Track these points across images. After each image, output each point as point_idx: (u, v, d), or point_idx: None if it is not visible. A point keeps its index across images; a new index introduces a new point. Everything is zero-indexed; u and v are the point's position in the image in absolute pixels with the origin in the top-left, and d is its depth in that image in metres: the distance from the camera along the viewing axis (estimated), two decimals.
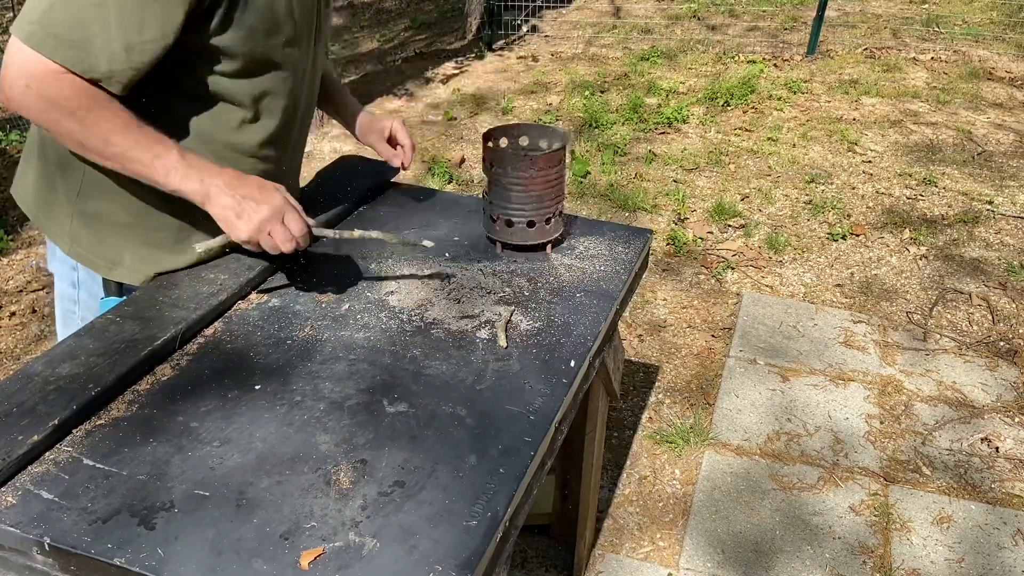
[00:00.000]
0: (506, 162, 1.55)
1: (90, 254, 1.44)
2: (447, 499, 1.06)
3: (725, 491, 2.40)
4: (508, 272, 1.59)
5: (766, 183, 4.18)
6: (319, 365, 1.31)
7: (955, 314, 3.20)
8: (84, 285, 1.49)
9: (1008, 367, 2.91)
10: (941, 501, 2.37)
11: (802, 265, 3.52)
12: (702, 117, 4.98)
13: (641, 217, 3.85)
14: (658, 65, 5.89)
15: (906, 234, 3.72)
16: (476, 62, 6.11)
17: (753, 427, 2.63)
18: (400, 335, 1.39)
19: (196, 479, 1.08)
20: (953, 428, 2.63)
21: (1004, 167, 4.35)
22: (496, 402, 1.24)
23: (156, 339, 1.30)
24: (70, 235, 1.44)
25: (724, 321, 3.15)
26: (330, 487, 1.08)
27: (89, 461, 1.11)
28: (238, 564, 0.97)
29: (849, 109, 5.07)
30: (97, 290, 1.48)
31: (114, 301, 1.44)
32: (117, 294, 1.47)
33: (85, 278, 1.48)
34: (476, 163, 4.39)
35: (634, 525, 2.31)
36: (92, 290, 1.49)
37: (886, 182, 4.19)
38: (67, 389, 1.19)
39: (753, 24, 6.85)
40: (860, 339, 3.05)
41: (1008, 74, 5.66)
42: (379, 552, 0.99)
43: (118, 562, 0.96)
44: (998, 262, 3.52)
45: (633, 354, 2.98)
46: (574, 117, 4.96)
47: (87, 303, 1.51)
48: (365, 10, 8.52)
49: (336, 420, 1.20)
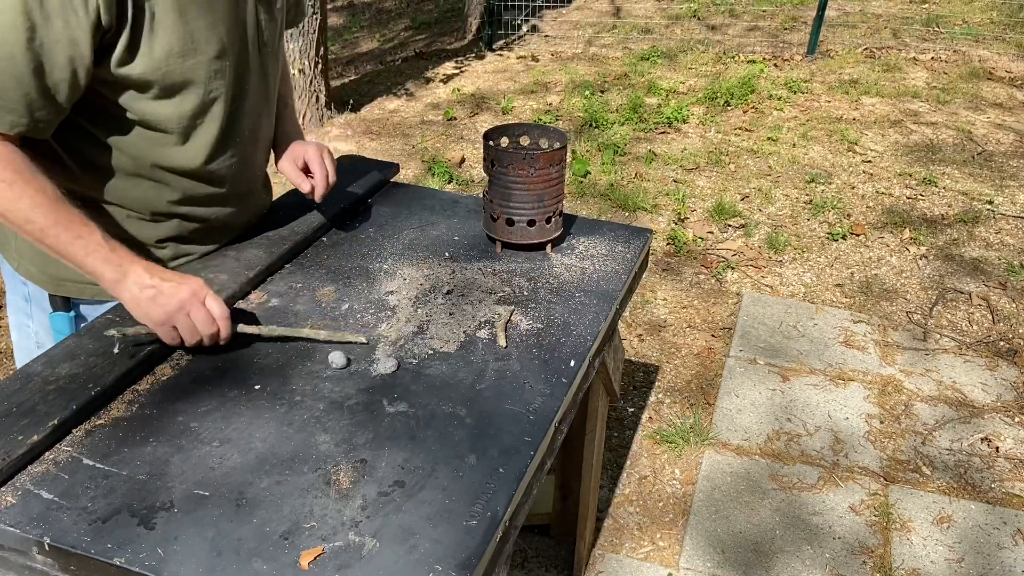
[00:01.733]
0: (507, 161, 1.55)
1: (35, 269, 1.42)
2: (447, 499, 1.06)
3: (725, 491, 2.40)
4: (508, 272, 1.59)
5: (766, 183, 4.18)
6: (319, 365, 1.31)
7: (955, 314, 3.20)
8: (35, 300, 1.47)
9: (1008, 367, 2.91)
10: (941, 501, 2.37)
11: (802, 265, 3.52)
12: (702, 117, 4.98)
13: (641, 217, 3.85)
14: (658, 65, 5.89)
15: (906, 234, 3.72)
16: (476, 62, 6.11)
17: (753, 427, 2.63)
18: (400, 335, 1.39)
19: (196, 479, 1.08)
20: (953, 428, 2.63)
21: (1004, 167, 4.35)
22: (496, 402, 1.24)
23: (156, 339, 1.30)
24: (16, 251, 1.42)
25: (724, 321, 3.15)
26: (330, 487, 1.08)
27: (89, 461, 1.11)
28: (238, 564, 0.96)
29: (849, 109, 5.07)
30: (47, 305, 1.45)
31: (63, 317, 1.43)
32: (64, 309, 1.44)
33: (35, 292, 1.45)
34: (476, 163, 4.39)
35: (634, 525, 2.31)
36: (43, 304, 1.46)
37: (886, 182, 4.20)
38: (67, 389, 1.19)
39: (753, 24, 6.85)
40: (860, 339, 3.05)
41: (1008, 74, 5.66)
42: (379, 552, 0.99)
43: (118, 562, 0.96)
44: (998, 262, 3.52)
45: (633, 354, 2.98)
46: (574, 117, 4.96)
47: (39, 318, 1.48)
48: (365, 10, 8.52)
49: (336, 420, 1.20)
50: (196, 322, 1.24)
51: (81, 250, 1.21)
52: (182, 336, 1.25)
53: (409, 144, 4.67)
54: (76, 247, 1.20)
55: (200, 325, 1.25)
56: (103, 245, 1.22)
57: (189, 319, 1.24)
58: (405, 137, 4.77)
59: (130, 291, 1.23)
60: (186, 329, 1.25)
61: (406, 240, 1.69)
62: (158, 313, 1.23)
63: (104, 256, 1.22)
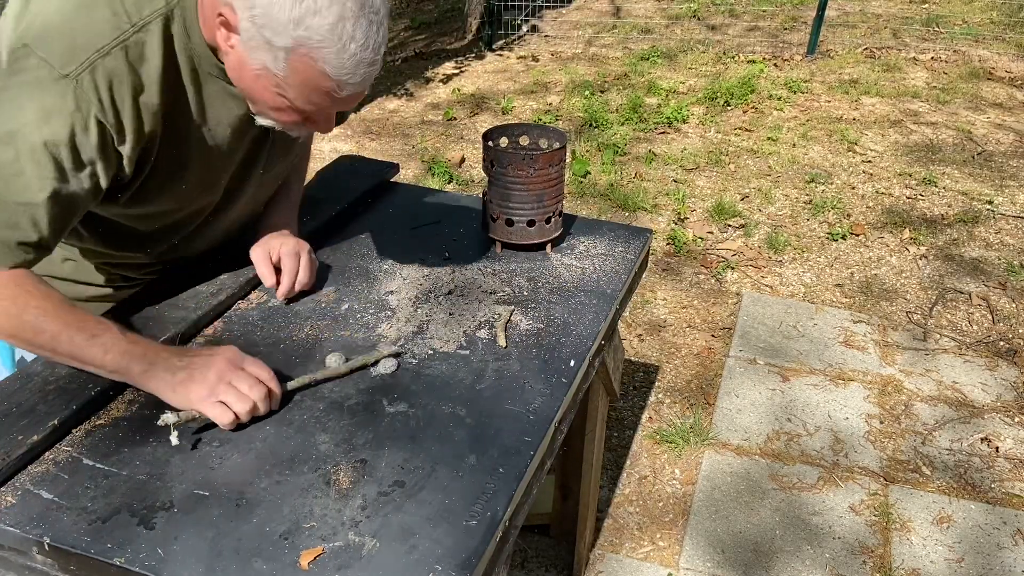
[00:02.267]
0: (506, 161, 1.55)
1: None
2: (447, 499, 1.06)
3: (725, 491, 2.40)
4: (508, 272, 1.59)
5: (766, 183, 4.18)
6: (319, 365, 1.31)
7: (955, 314, 3.20)
8: None
9: (1008, 367, 2.91)
10: (941, 501, 2.37)
11: (802, 265, 3.52)
12: (702, 117, 4.98)
13: (641, 217, 3.85)
14: (658, 65, 5.89)
15: (906, 234, 3.72)
16: (476, 62, 6.11)
17: (753, 427, 2.63)
18: (400, 335, 1.39)
19: (196, 479, 1.08)
20: (953, 428, 2.63)
21: (1004, 167, 4.35)
22: (496, 402, 1.24)
23: (156, 339, 1.30)
24: None
25: (724, 321, 3.15)
26: (330, 487, 1.08)
27: (89, 461, 1.11)
28: (238, 564, 0.97)
29: (849, 109, 5.07)
30: None
31: None
32: None
33: None
34: (476, 163, 4.39)
35: (634, 525, 2.31)
36: None
37: (886, 182, 4.19)
38: (67, 389, 1.19)
39: (753, 24, 6.85)
40: (860, 339, 3.05)
41: (1008, 74, 5.66)
42: (379, 552, 0.99)
43: (118, 562, 0.96)
44: (998, 262, 3.52)
45: (633, 354, 2.98)
46: (574, 117, 4.96)
47: None
48: None
49: (336, 420, 1.20)
50: (242, 388, 1.15)
51: (100, 349, 1.13)
52: (233, 410, 1.14)
53: (409, 144, 4.67)
54: (94, 347, 1.13)
55: (247, 390, 1.15)
56: (122, 339, 1.15)
57: (233, 387, 1.14)
58: (405, 137, 4.77)
59: (162, 379, 1.15)
60: (235, 400, 1.14)
61: (406, 240, 1.69)
62: (199, 391, 1.13)
63: (125, 349, 1.14)
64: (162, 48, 1.15)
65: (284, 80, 1.11)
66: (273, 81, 1.12)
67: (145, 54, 1.13)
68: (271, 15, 1.04)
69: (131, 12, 1.12)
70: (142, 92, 1.15)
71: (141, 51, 1.13)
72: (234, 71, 1.16)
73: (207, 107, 1.24)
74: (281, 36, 1.06)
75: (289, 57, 1.07)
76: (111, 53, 1.10)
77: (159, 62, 1.15)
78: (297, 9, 1.04)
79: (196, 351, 1.20)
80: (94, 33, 1.10)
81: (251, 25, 1.07)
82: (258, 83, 1.13)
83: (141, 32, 1.13)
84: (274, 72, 1.10)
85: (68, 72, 1.08)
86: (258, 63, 1.10)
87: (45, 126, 1.08)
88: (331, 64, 1.07)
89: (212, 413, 1.14)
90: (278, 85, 1.12)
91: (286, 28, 1.05)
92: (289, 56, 1.07)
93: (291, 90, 1.12)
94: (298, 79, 1.10)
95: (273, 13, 1.04)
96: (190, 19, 1.16)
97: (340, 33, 1.05)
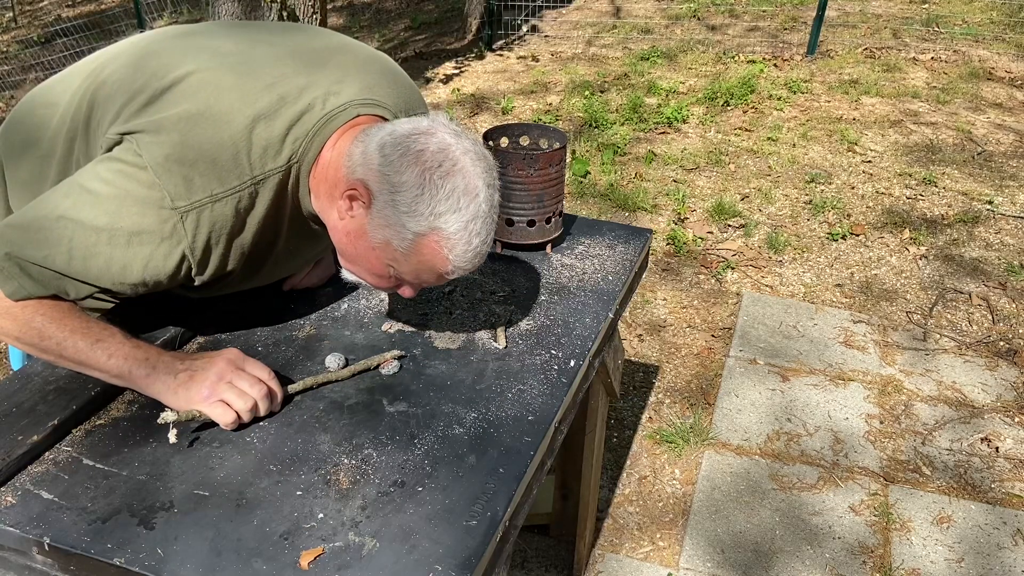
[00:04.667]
0: (507, 161, 1.55)
1: None
2: (447, 499, 1.06)
3: (725, 491, 2.40)
4: (508, 272, 1.59)
5: (766, 183, 4.18)
6: (319, 365, 1.31)
7: (955, 314, 3.20)
8: None
9: (1008, 367, 2.91)
10: (941, 501, 2.37)
11: (802, 265, 3.52)
12: (702, 117, 4.98)
13: (641, 217, 3.85)
14: (658, 65, 5.89)
15: (906, 234, 3.72)
16: (476, 62, 6.11)
17: (753, 427, 2.63)
18: (400, 335, 1.39)
19: (196, 479, 1.08)
20: (953, 428, 2.63)
21: (1004, 167, 4.35)
22: (496, 402, 1.24)
23: (156, 339, 1.30)
24: None
25: (724, 321, 3.15)
26: (330, 487, 1.08)
27: (89, 461, 1.11)
28: (238, 564, 0.96)
29: (849, 109, 5.07)
30: None
31: None
32: None
33: None
34: None
35: (634, 525, 2.31)
36: None
37: (886, 182, 4.19)
38: (67, 389, 1.20)
39: (753, 24, 6.85)
40: (860, 339, 3.05)
41: (1008, 74, 5.66)
42: (379, 552, 0.99)
43: (118, 562, 0.96)
44: (998, 262, 3.52)
45: (633, 354, 2.98)
46: (574, 117, 4.96)
47: None
48: (365, 10, 8.52)
49: (336, 420, 1.20)
50: (242, 387, 1.16)
51: (103, 354, 1.14)
52: (234, 408, 1.15)
53: None
54: (97, 352, 1.13)
55: (248, 388, 1.16)
56: (125, 343, 1.15)
57: (234, 387, 1.16)
58: None
59: (164, 382, 1.15)
60: (235, 398, 1.15)
61: None
62: (199, 391, 1.15)
63: (128, 353, 1.15)
64: (271, 200, 1.17)
65: (402, 256, 1.13)
66: (390, 256, 1.14)
67: (255, 205, 1.15)
68: (413, 204, 1.08)
69: (255, 165, 1.13)
70: (239, 235, 1.17)
71: (252, 202, 1.15)
72: (342, 234, 1.17)
73: (290, 239, 1.28)
74: (418, 223, 1.09)
75: (416, 240, 1.10)
76: (224, 200, 1.12)
77: (264, 211, 1.17)
78: (441, 205, 1.08)
79: (197, 355, 1.20)
80: (214, 178, 1.11)
81: (389, 208, 1.10)
82: (372, 253, 1.15)
83: (258, 185, 1.14)
84: (395, 248, 1.12)
85: (178, 207, 1.10)
86: (381, 238, 1.13)
87: (130, 246, 1.10)
88: (455, 253, 1.12)
89: (213, 412, 1.14)
90: (394, 259, 1.14)
91: (426, 218, 1.08)
92: (416, 239, 1.10)
93: (405, 265, 1.14)
94: (417, 259, 1.13)
95: (416, 204, 1.08)
96: (303, 176, 1.19)
97: (471, 230, 1.11)
